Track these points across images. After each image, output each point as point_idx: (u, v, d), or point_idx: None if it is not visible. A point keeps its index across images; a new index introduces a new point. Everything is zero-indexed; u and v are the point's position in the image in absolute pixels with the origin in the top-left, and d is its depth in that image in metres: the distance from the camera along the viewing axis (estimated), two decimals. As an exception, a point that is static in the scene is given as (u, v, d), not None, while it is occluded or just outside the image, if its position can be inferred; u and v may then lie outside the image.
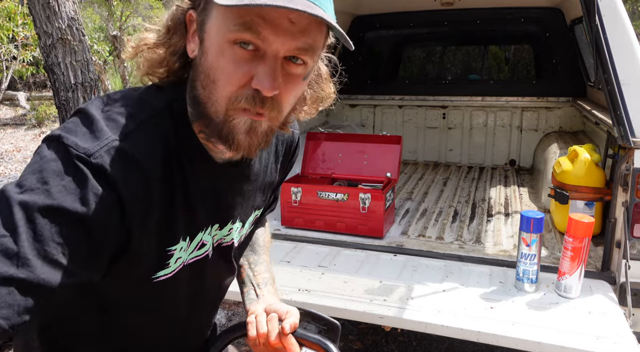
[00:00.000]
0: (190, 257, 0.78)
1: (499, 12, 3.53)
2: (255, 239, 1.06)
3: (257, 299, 0.93)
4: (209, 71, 0.66)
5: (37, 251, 0.56)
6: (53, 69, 3.89)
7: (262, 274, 0.99)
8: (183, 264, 0.76)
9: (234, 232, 0.86)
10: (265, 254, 1.05)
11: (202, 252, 0.80)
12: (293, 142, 0.96)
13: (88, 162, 0.60)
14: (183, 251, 0.75)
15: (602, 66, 1.84)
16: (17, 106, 9.90)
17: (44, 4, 3.74)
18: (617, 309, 1.68)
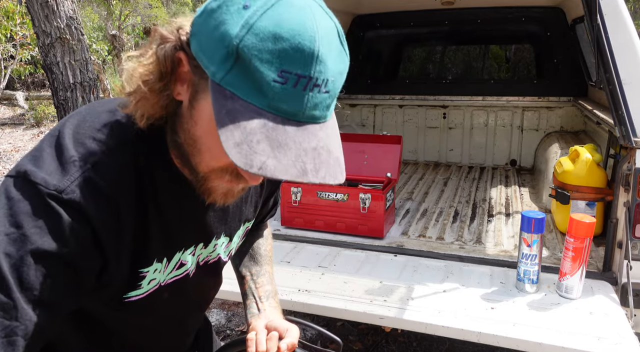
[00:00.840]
0: (169, 278, 0.77)
1: (500, 12, 3.53)
2: (257, 248, 1.05)
3: (259, 314, 0.92)
4: (195, 140, 0.64)
5: (27, 299, 0.58)
6: (52, 68, 3.88)
7: (265, 287, 0.98)
8: (159, 284, 0.76)
9: (219, 248, 0.85)
10: (267, 265, 1.03)
11: (181, 271, 0.79)
12: None
13: (60, 198, 0.60)
14: (158, 272, 0.74)
15: (603, 66, 1.83)
16: (15, 106, 9.89)
17: (43, 3, 3.73)
18: (618, 310, 1.67)
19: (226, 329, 2.82)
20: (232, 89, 0.56)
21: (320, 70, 0.56)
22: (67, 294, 0.62)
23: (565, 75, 3.55)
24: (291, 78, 0.55)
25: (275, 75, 0.54)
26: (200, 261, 0.82)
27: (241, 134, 0.55)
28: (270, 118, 0.56)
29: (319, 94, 0.57)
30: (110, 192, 0.64)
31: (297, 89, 0.55)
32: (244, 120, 0.55)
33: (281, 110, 0.56)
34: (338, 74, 0.60)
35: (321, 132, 0.59)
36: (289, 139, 0.56)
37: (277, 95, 0.55)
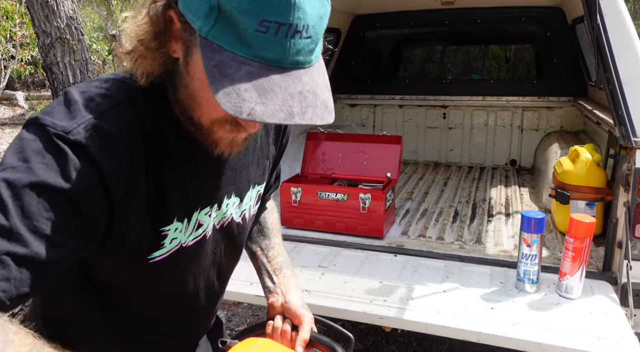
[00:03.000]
0: (190, 239, 0.78)
1: (500, 12, 3.53)
2: (264, 222, 1.06)
3: (275, 288, 0.93)
4: (194, 93, 0.67)
5: (27, 227, 0.58)
6: (52, 68, 3.88)
7: (276, 259, 0.99)
8: (181, 245, 0.77)
9: (231, 208, 0.86)
10: (276, 237, 1.04)
11: (200, 232, 0.80)
12: None
13: (66, 139, 0.62)
14: (179, 232, 0.76)
15: (603, 65, 1.83)
16: (15, 106, 9.89)
17: (43, 3, 3.73)
18: (618, 310, 1.67)
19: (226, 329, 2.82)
20: (219, 42, 0.59)
21: (299, 16, 0.58)
22: (69, 233, 0.62)
23: (565, 75, 3.55)
24: (272, 26, 0.57)
25: (256, 25, 0.57)
26: (216, 224, 0.83)
27: (229, 84, 0.58)
28: (256, 66, 0.59)
29: (300, 40, 0.59)
30: (120, 138, 0.66)
31: (278, 36, 0.58)
32: (231, 71, 0.58)
33: (265, 59, 0.59)
34: (318, 19, 0.61)
35: (306, 77, 0.62)
36: (275, 85, 0.59)
37: (260, 44, 0.58)
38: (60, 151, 0.61)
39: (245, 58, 0.59)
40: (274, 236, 1.04)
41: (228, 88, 0.58)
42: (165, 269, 0.77)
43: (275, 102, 0.58)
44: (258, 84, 0.58)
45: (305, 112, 0.59)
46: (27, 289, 0.59)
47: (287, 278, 0.96)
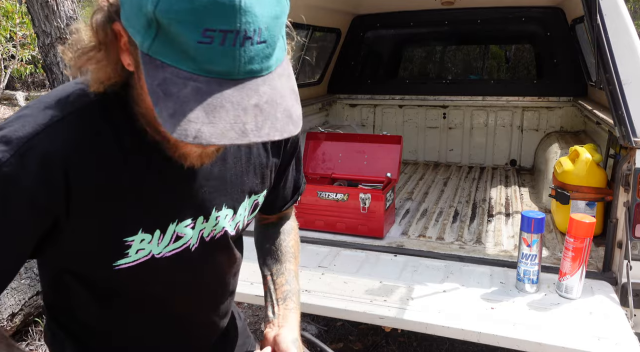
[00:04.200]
0: (167, 250, 0.77)
1: (500, 12, 3.53)
2: (278, 244, 1.01)
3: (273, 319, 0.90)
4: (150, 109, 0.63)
5: None
6: (52, 68, 3.88)
7: (283, 287, 0.95)
8: (152, 255, 0.75)
9: (223, 220, 0.82)
10: (289, 262, 0.99)
11: (179, 245, 0.78)
12: None
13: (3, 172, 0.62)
14: (147, 243, 0.74)
15: (603, 66, 1.83)
16: (15, 106, 9.88)
17: (43, 3, 3.73)
18: (618, 310, 1.67)
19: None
20: (161, 58, 0.54)
21: (247, 21, 0.52)
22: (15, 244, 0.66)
23: (565, 75, 3.55)
24: (217, 36, 0.52)
25: (199, 36, 0.52)
26: (205, 236, 0.80)
27: (174, 104, 0.53)
28: (204, 82, 0.53)
29: (252, 46, 0.53)
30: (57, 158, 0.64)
31: (225, 46, 0.52)
32: (176, 90, 0.53)
33: (214, 72, 0.54)
34: (272, 19, 0.55)
35: (264, 86, 0.56)
36: (225, 101, 0.53)
37: (205, 57, 0.53)
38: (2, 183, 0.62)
39: (191, 73, 0.53)
40: (286, 261, 0.99)
41: (172, 109, 0.53)
42: (141, 276, 0.76)
43: (226, 121, 0.53)
44: (206, 102, 0.53)
45: (261, 128, 0.54)
46: None
47: (288, 311, 0.91)
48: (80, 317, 0.84)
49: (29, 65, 7.89)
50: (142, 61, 0.55)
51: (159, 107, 0.54)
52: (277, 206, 1.02)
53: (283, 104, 0.57)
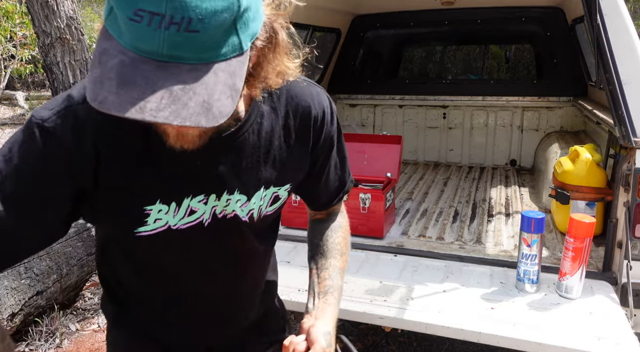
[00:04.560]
0: (182, 223, 0.82)
1: (500, 12, 3.53)
2: (325, 240, 1.05)
3: (312, 311, 0.93)
4: None
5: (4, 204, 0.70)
6: (52, 68, 3.88)
7: (326, 281, 0.97)
8: (169, 226, 0.81)
9: (234, 204, 0.85)
10: (334, 258, 1.02)
11: (194, 219, 0.83)
12: (310, 115, 0.90)
13: (42, 126, 0.72)
14: (164, 213, 0.80)
15: (603, 66, 1.83)
16: (15, 106, 9.88)
17: (43, 3, 3.73)
18: (618, 310, 1.67)
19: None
20: (110, 30, 0.60)
21: (174, 7, 0.55)
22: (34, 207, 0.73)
23: (565, 75, 3.55)
24: (145, 16, 0.55)
25: (131, 14, 0.56)
26: (218, 214, 0.85)
27: (100, 71, 0.57)
28: (129, 56, 0.57)
29: (178, 32, 0.56)
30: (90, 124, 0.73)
31: (151, 27, 0.56)
32: (106, 59, 0.58)
33: (140, 49, 0.57)
34: (211, 13, 0.57)
35: (190, 74, 0.58)
36: (140, 77, 0.56)
37: (134, 34, 0.57)
38: (35, 138, 0.72)
39: (124, 48, 0.58)
40: (332, 257, 1.02)
41: (97, 75, 0.57)
42: (159, 246, 0.84)
43: (131, 95, 0.55)
44: (121, 74, 0.56)
45: (161, 110, 0.55)
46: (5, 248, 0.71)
47: (327, 305, 0.94)
48: (120, 283, 0.95)
49: (29, 65, 7.89)
50: (101, 31, 0.61)
51: (90, 72, 0.59)
52: (322, 202, 1.07)
53: (203, 95, 0.58)
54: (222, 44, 0.60)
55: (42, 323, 2.58)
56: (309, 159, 0.94)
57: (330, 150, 0.98)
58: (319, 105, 0.91)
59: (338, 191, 1.06)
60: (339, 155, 1.02)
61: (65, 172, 0.73)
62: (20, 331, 2.54)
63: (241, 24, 0.61)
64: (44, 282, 2.52)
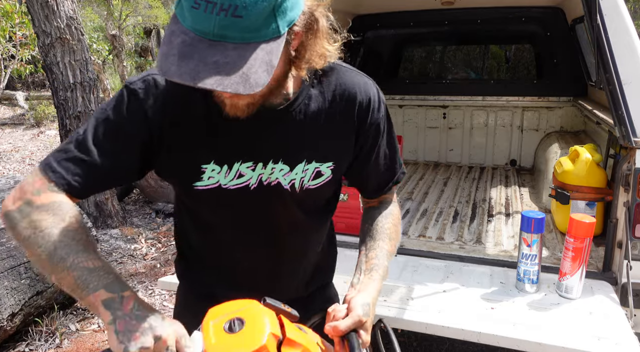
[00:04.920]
0: (232, 184, 0.96)
1: (500, 12, 3.52)
2: (375, 225, 1.10)
3: (356, 285, 1.01)
4: None
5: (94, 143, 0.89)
6: (52, 68, 3.88)
7: (373, 260, 1.04)
8: (220, 185, 0.95)
9: (278, 172, 0.97)
10: (382, 241, 1.07)
11: (241, 181, 0.96)
12: (355, 101, 0.98)
13: (129, 87, 0.92)
14: (217, 173, 0.95)
15: (603, 66, 1.83)
16: (15, 106, 9.89)
17: (43, 3, 3.73)
18: (618, 310, 1.67)
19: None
20: (178, 16, 0.74)
21: None
22: (119, 149, 0.90)
23: (565, 75, 3.55)
24: (202, 4, 0.70)
25: (193, 2, 0.71)
26: (264, 181, 0.97)
27: (167, 48, 0.73)
28: (190, 36, 0.72)
29: (227, 17, 0.70)
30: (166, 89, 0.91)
31: (207, 13, 0.70)
32: (174, 38, 0.73)
33: (198, 30, 0.72)
34: (253, 2, 0.70)
35: (234, 51, 0.72)
36: (196, 53, 0.71)
37: (194, 18, 0.71)
38: (123, 96, 0.91)
39: (186, 28, 0.73)
40: (380, 239, 1.07)
41: (165, 50, 0.72)
42: (213, 200, 0.97)
43: (188, 67, 0.70)
44: (182, 50, 0.71)
45: (208, 78, 0.70)
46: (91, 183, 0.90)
47: (371, 280, 1.01)
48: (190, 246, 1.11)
49: (29, 65, 7.89)
50: (171, 17, 0.76)
51: (161, 49, 0.74)
52: (372, 189, 1.12)
53: (244, 69, 0.72)
54: (261, 27, 0.73)
55: (42, 323, 2.58)
56: (353, 142, 1.02)
57: (377, 137, 1.04)
58: (365, 92, 0.99)
59: (388, 179, 1.11)
60: (389, 147, 1.09)
61: (141, 124, 0.90)
62: (20, 331, 2.54)
63: (279, 11, 0.73)
64: (44, 282, 2.52)
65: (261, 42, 0.73)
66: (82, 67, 3.94)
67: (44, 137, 8.15)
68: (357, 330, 0.88)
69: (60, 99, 3.95)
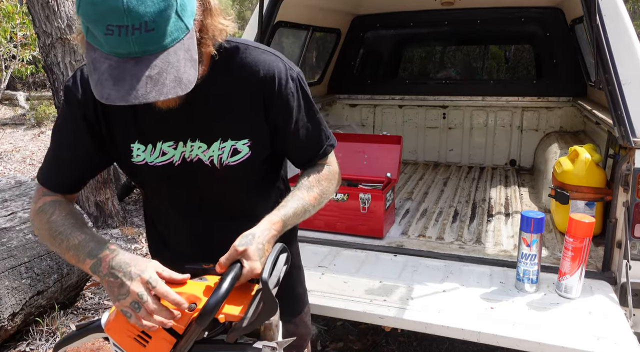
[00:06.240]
0: (157, 161, 1.05)
1: (500, 12, 3.53)
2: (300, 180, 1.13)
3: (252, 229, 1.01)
4: None
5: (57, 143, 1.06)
6: (52, 68, 3.88)
7: (280, 205, 1.06)
8: (146, 162, 1.05)
9: (197, 150, 1.05)
10: (298, 189, 1.10)
11: (165, 159, 1.05)
12: (259, 79, 1.03)
13: (64, 85, 1.05)
14: (142, 151, 1.05)
15: (602, 66, 1.83)
16: (16, 106, 9.89)
17: (44, 3, 3.73)
18: (617, 310, 1.68)
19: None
20: (93, 43, 0.80)
21: (132, 17, 0.74)
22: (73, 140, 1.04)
23: (564, 75, 3.56)
24: (115, 29, 0.75)
25: (104, 29, 0.76)
26: (186, 157, 1.06)
27: (97, 75, 0.79)
28: (114, 60, 0.78)
29: (141, 34, 0.76)
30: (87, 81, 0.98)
31: (121, 36, 0.76)
32: (99, 65, 0.79)
33: (119, 53, 0.78)
34: (158, 13, 0.76)
35: (157, 60, 0.78)
36: (126, 74, 0.77)
37: (111, 43, 0.77)
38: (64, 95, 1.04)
39: (108, 54, 0.78)
40: (297, 189, 1.10)
41: (96, 79, 0.79)
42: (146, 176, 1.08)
43: (125, 88, 0.77)
44: (114, 75, 0.77)
45: (149, 92, 0.77)
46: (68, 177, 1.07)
47: (268, 216, 1.02)
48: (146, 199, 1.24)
49: (29, 66, 7.89)
50: (86, 46, 0.82)
51: (91, 76, 0.80)
52: (298, 161, 1.17)
53: (173, 73, 0.79)
54: (173, 31, 0.79)
55: (42, 323, 2.59)
56: (263, 118, 1.06)
57: (289, 112, 1.07)
58: (269, 69, 1.04)
59: (314, 152, 1.14)
60: (311, 122, 1.12)
61: (77, 111, 1.01)
62: (21, 331, 2.54)
63: (181, 11, 0.79)
64: (44, 282, 2.53)
65: (177, 43, 0.80)
66: (82, 68, 3.95)
67: (44, 137, 8.15)
68: (241, 261, 0.91)
69: (61, 100, 3.96)
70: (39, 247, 2.55)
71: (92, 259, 0.91)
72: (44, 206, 1.03)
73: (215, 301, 0.82)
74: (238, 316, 0.86)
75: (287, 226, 1.04)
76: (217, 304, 0.82)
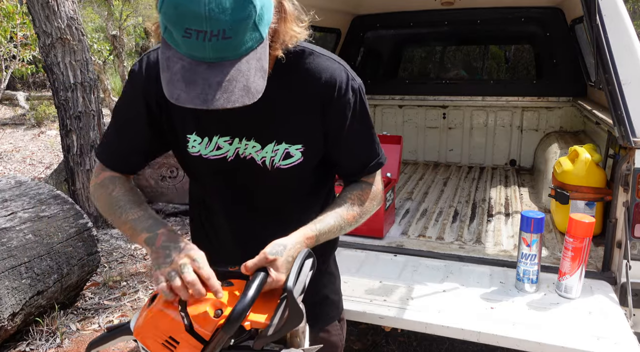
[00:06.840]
0: (212, 154, 1.07)
1: (500, 12, 3.53)
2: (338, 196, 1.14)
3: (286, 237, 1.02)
4: None
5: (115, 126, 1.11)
6: (52, 68, 3.88)
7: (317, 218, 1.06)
8: (200, 154, 1.07)
9: (250, 148, 1.06)
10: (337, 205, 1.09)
11: (220, 153, 1.07)
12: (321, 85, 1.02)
13: (130, 70, 1.08)
14: (198, 144, 1.07)
15: (602, 66, 1.83)
16: (16, 106, 9.89)
17: (43, 3, 3.73)
18: (617, 310, 1.68)
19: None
20: (169, 41, 0.81)
21: (212, 24, 0.75)
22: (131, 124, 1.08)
23: (564, 75, 3.56)
24: (193, 33, 0.76)
25: (182, 32, 0.77)
26: (240, 154, 1.07)
27: (169, 74, 0.81)
28: (187, 62, 0.80)
29: (218, 41, 0.77)
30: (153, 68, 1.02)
31: (199, 41, 0.77)
32: (172, 64, 0.81)
33: (194, 56, 0.79)
34: (236, 22, 0.77)
35: (230, 68, 0.80)
36: (198, 77, 0.79)
37: (187, 46, 0.78)
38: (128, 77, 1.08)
39: (182, 54, 0.80)
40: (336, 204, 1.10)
41: (168, 78, 0.80)
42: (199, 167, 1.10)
43: (196, 91, 0.78)
44: (186, 77, 0.79)
45: (218, 99, 0.78)
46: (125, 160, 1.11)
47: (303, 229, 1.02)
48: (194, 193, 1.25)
49: (29, 66, 7.89)
50: (162, 42, 0.84)
51: (163, 75, 0.81)
52: (344, 173, 1.16)
53: (243, 81, 0.80)
54: (249, 40, 0.80)
55: (42, 323, 2.59)
56: (319, 125, 1.06)
57: (343, 120, 1.06)
58: (331, 76, 1.03)
59: (362, 165, 1.13)
60: (364, 136, 1.11)
61: (139, 94, 1.04)
62: (21, 331, 2.54)
63: (259, 21, 0.80)
64: (44, 282, 2.53)
65: (250, 52, 0.81)
66: (82, 68, 3.95)
67: (44, 137, 8.16)
68: (268, 269, 0.91)
69: (61, 99, 3.96)
70: (39, 247, 2.55)
71: (148, 233, 0.97)
72: (104, 181, 1.09)
73: (241, 308, 0.82)
74: (264, 323, 0.86)
75: (319, 241, 1.04)
76: (243, 312, 0.82)
